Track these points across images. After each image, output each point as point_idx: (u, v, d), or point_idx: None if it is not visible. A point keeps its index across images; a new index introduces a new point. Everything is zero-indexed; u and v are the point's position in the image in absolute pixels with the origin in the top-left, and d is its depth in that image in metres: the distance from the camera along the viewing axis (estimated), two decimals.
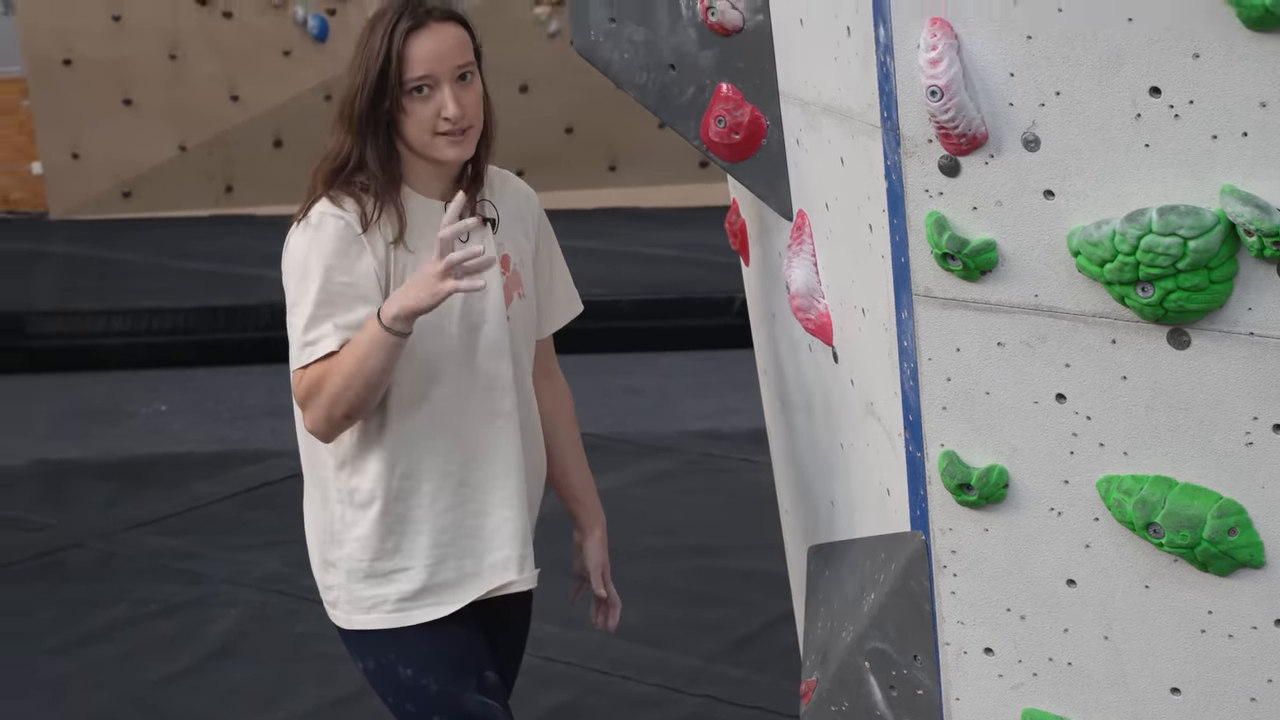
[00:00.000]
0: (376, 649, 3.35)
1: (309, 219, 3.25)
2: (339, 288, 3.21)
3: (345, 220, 3.22)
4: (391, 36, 3.22)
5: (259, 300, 9.83)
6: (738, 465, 7.43)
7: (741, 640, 5.56)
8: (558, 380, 3.62)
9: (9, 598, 6.00)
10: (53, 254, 11.32)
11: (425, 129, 3.24)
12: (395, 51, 3.21)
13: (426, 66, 3.22)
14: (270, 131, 12.47)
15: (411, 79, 3.21)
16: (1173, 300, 2.28)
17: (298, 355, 3.22)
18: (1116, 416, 2.41)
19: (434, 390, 3.29)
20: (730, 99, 3.09)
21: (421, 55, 3.22)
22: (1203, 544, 2.38)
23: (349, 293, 3.21)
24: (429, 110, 3.23)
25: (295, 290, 3.25)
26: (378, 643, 3.35)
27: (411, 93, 3.22)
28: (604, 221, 12.27)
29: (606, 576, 3.63)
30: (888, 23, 2.41)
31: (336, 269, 3.21)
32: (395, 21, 3.23)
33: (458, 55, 3.25)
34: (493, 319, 3.32)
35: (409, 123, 3.24)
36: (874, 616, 2.79)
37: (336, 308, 3.20)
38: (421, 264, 3.18)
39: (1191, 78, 2.22)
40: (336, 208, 3.23)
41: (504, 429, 3.36)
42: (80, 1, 12.17)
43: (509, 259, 3.39)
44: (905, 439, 2.62)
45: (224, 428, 8.49)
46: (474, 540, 3.36)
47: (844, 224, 2.80)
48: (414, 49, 3.21)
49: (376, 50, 3.22)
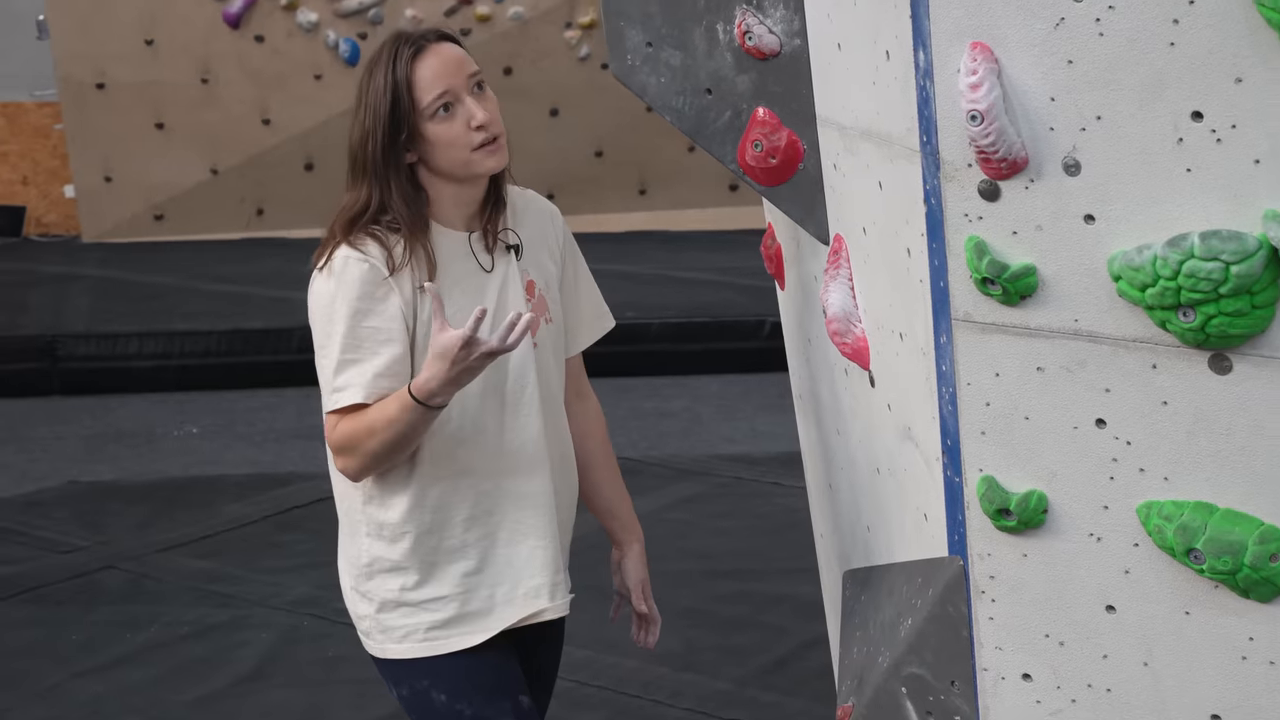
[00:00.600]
0: (410, 676, 3.35)
1: (332, 264, 3.22)
2: (366, 332, 3.19)
3: (370, 263, 3.20)
4: (394, 68, 3.21)
5: (290, 323, 9.84)
6: (769, 489, 7.41)
7: (774, 664, 5.54)
8: (589, 399, 3.61)
9: (41, 619, 6.01)
10: (85, 277, 11.35)
11: (461, 146, 3.22)
12: (403, 80, 3.20)
13: (444, 83, 3.21)
14: (301, 155, 12.50)
15: (430, 100, 3.20)
16: (1215, 325, 2.27)
17: (327, 400, 3.23)
18: (1157, 442, 2.40)
19: (462, 421, 3.29)
20: (767, 123, 3.09)
21: (433, 75, 3.21)
22: (1244, 570, 2.37)
23: (376, 337, 3.19)
24: (457, 127, 3.21)
25: (321, 334, 3.24)
26: (411, 670, 3.35)
27: (434, 115, 3.21)
28: (634, 245, 12.27)
29: (647, 592, 3.62)
30: (928, 47, 2.40)
31: (362, 313, 3.19)
32: (395, 54, 3.22)
33: (465, 67, 3.24)
34: (521, 348, 3.31)
35: (438, 148, 3.22)
36: (911, 642, 2.77)
37: (363, 351, 3.19)
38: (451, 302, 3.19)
39: (1234, 102, 2.21)
40: (359, 251, 3.21)
41: (534, 456, 3.35)
42: (113, 26, 12.22)
43: (534, 284, 3.38)
44: (943, 464, 2.61)
45: (255, 450, 8.50)
46: (506, 568, 3.35)
47: (882, 248, 2.79)
48: (423, 72, 3.21)
49: (382, 87, 3.21)
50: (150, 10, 12.26)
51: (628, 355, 9.33)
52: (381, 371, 3.19)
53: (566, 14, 12.77)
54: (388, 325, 3.20)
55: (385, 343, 3.20)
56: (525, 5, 12.63)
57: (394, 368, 3.20)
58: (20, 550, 6.73)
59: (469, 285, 3.29)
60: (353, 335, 3.19)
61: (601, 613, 3.68)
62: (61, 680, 5.49)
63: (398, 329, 3.20)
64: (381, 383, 3.19)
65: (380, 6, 12.42)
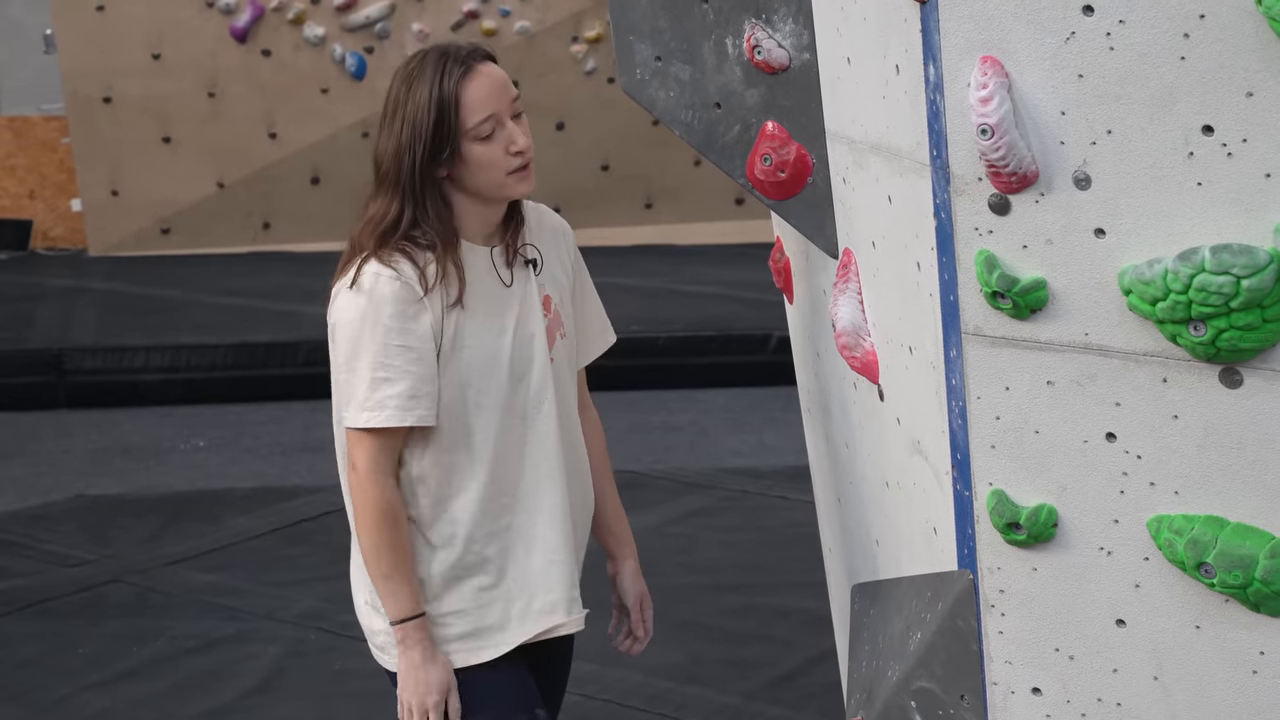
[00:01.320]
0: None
1: (361, 280, 3.21)
2: (397, 351, 3.19)
3: (403, 281, 3.19)
4: (442, 86, 3.18)
5: (297, 337, 9.86)
6: (775, 502, 7.41)
7: (780, 678, 5.53)
8: (590, 412, 3.61)
9: (49, 633, 6.01)
10: (92, 290, 11.36)
11: (498, 169, 3.22)
12: (450, 98, 3.18)
13: (491, 107, 3.20)
14: (308, 169, 12.51)
15: (476, 122, 3.19)
16: (1225, 339, 2.27)
17: (355, 416, 3.21)
18: (1167, 456, 2.40)
19: (479, 438, 3.29)
20: (776, 137, 3.10)
21: (481, 97, 3.20)
22: (1255, 584, 2.37)
23: (407, 355, 3.19)
24: (496, 150, 3.21)
25: (348, 350, 3.22)
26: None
27: (477, 137, 3.20)
28: (640, 258, 12.27)
29: (646, 606, 3.62)
30: (938, 61, 2.41)
31: (394, 331, 3.18)
32: (442, 70, 3.19)
33: (509, 90, 3.25)
34: (538, 364, 3.32)
35: (474, 169, 3.22)
36: (920, 655, 2.77)
37: (395, 370, 3.18)
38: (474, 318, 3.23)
39: (1244, 116, 2.21)
40: (390, 269, 3.20)
41: (549, 473, 3.35)
42: (120, 40, 12.23)
43: (550, 299, 3.39)
44: (953, 478, 2.61)
45: (261, 463, 8.50)
46: (522, 583, 3.35)
47: (891, 262, 2.79)
48: (470, 93, 3.19)
49: (426, 104, 3.18)
50: (157, 24, 12.27)
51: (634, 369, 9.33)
52: (415, 392, 3.19)
53: (573, 28, 12.78)
54: (419, 345, 3.20)
55: (416, 361, 3.20)
56: (531, 19, 12.65)
57: (425, 388, 3.21)
58: (27, 564, 6.73)
59: (490, 300, 3.29)
60: (385, 353, 3.18)
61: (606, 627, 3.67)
62: (69, 693, 5.49)
63: (428, 349, 3.21)
64: (414, 405, 3.20)
65: (387, 20, 12.44)
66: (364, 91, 12.40)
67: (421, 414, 3.22)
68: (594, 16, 12.74)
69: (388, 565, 3.24)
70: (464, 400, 3.26)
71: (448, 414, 3.25)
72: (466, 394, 3.26)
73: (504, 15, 12.61)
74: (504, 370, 3.28)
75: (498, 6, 12.59)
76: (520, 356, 3.30)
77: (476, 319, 3.25)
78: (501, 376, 3.28)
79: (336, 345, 3.26)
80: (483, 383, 3.27)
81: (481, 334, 3.25)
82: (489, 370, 3.27)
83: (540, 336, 3.33)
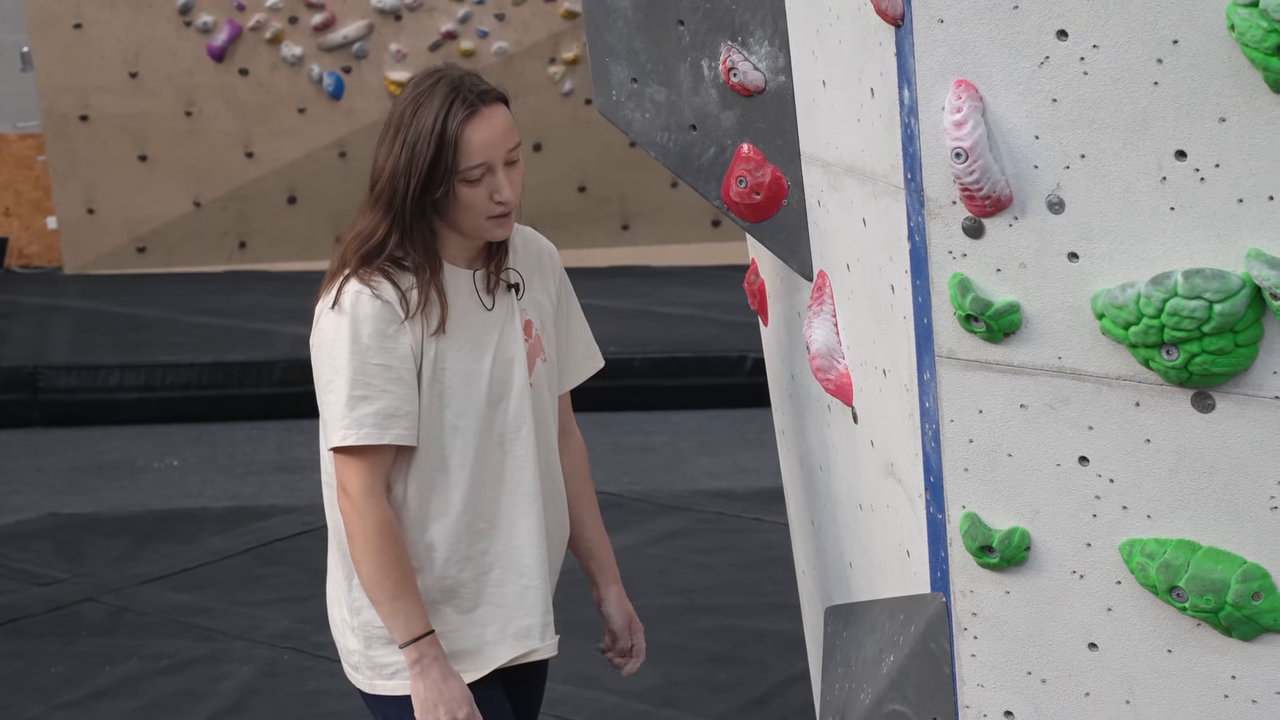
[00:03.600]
0: (402, 712, 3.33)
1: (342, 301, 3.21)
2: (375, 370, 3.18)
3: (383, 301, 3.19)
4: (445, 122, 3.16)
5: (272, 356, 9.84)
6: (750, 524, 7.40)
7: (754, 701, 5.53)
8: (573, 436, 3.60)
9: (21, 652, 5.98)
10: (67, 308, 11.33)
11: (478, 214, 3.21)
12: (452, 138, 3.16)
13: (485, 155, 3.18)
14: (284, 188, 12.49)
15: (469, 166, 3.18)
16: (1198, 363, 2.28)
17: (336, 434, 3.21)
18: (1140, 480, 2.41)
19: (456, 461, 3.28)
20: (751, 159, 3.10)
21: (479, 143, 3.17)
22: (1227, 608, 2.37)
23: (386, 375, 3.19)
24: (480, 195, 3.20)
25: (328, 369, 3.22)
26: (403, 706, 3.33)
27: (464, 180, 3.19)
28: (617, 280, 12.27)
29: (635, 628, 3.61)
30: (913, 85, 2.41)
31: (372, 350, 3.18)
32: (449, 107, 3.17)
33: (509, 139, 3.22)
34: (517, 389, 3.31)
35: (458, 208, 3.21)
36: (893, 678, 2.77)
37: (373, 389, 3.18)
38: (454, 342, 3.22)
39: (1217, 141, 2.22)
40: (370, 289, 3.20)
41: (527, 497, 3.34)
42: (97, 58, 12.21)
43: (531, 324, 3.38)
44: (926, 500, 2.61)
45: (236, 483, 8.48)
46: (497, 607, 3.34)
47: (865, 285, 2.80)
48: (470, 137, 3.17)
49: (428, 135, 3.16)
50: (134, 43, 12.26)
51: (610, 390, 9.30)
52: (393, 411, 3.19)
53: (550, 49, 12.79)
54: (398, 364, 3.20)
55: (395, 381, 3.19)
56: (509, 40, 12.65)
57: (404, 407, 3.20)
58: None
59: (472, 323, 3.28)
60: (363, 372, 3.18)
61: (579, 649, 3.67)
62: (41, 713, 5.46)
63: (408, 369, 3.20)
64: (391, 424, 3.19)
65: (365, 41, 12.44)
66: (341, 111, 12.40)
67: (399, 433, 3.21)
68: (571, 38, 12.75)
69: (394, 585, 3.22)
70: (441, 424, 3.25)
71: (426, 438, 3.24)
72: (444, 417, 3.25)
73: (482, 36, 12.62)
74: (482, 394, 3.28)
75: (475, 28, 12.60)
76: (499, 379, 3.30)
77: (457, 343, 3.25)
78: (479, 400, 3.28)
79: (318, 366, 3.25)
80: (461, 406, 3.26)
81: (461, 358, 3.24)
82: (467, 394, 3.26)
83: (520, 360, 3.32)
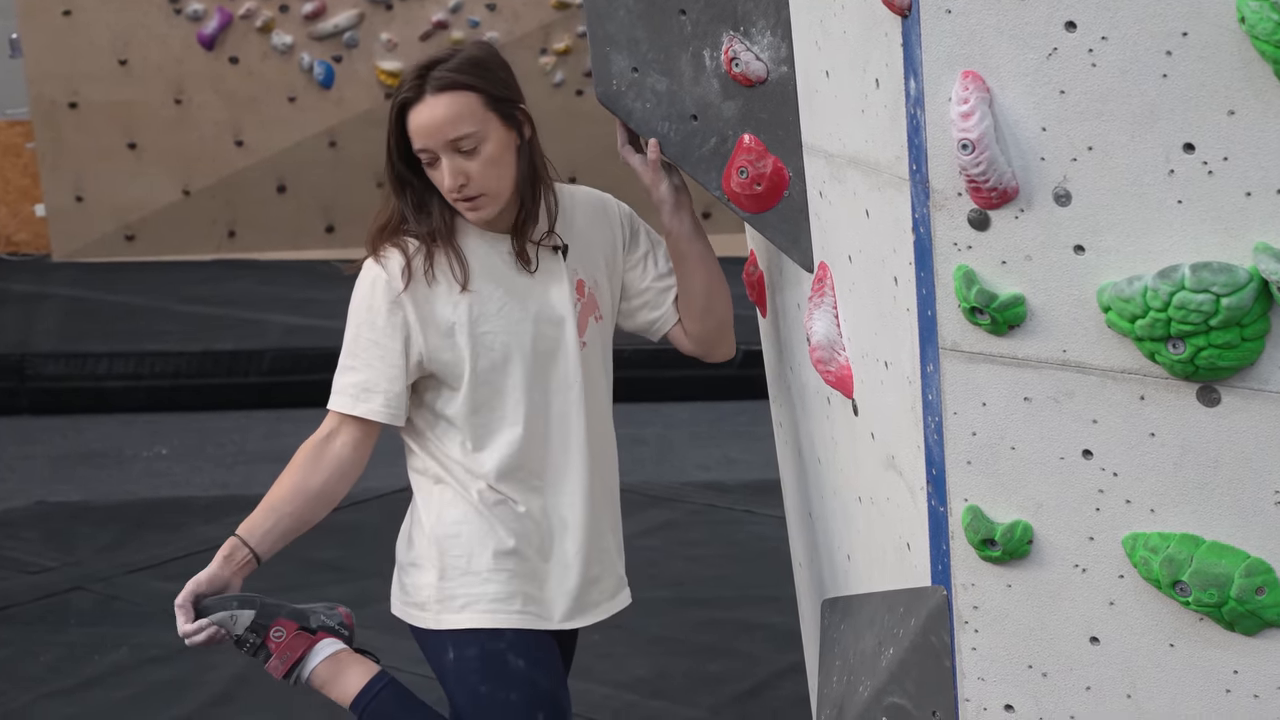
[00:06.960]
0: (460, 648, 3.37)
1: (361, 274, 3.36)
2: (364, 344, 3.33)
3: (385, 276, 3.31)
4: (397, 105, 3.29)
5: (261, 345, 9.82)
6: (741, 516, 7.40)
7: (746, 693, 5.52)
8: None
9: (10, 640, 5.96)
10: (55, 296, 11.30)
11: (448, 193, 3.31)
12: (397, 121, 3.29)
13: (421, 141, 3.28)
14: (274, 177, 12.46)
15: (416, 150, 3.29)
16: (1204, 357, 2.27)
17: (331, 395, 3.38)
18: (1144, 473, 2.40)
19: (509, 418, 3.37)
20: (752, 150, 3.09)
21: (416, 130, 3.28)
22: (1230, 603, 2.36)
23: (372, 350, 3.32)
24: (439, 178, 3.30)
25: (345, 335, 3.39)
26: (462, 641, 3.37)
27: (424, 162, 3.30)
28: None
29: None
30: (919, 75, 2.40)
31: (365, 324, 3.33)
32: (401, 89, 3.29)
33: (450, 129, 3.26)
34: (567, 349, 3.39)
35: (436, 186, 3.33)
36: (893, 671, 2.77)
37: (358, 360, 3.34)
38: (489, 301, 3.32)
39: (1226, 134, 2.21)
40: (379, 264, 3.33)
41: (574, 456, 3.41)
42: (86, 45, 12.17)
43: (583, 283, 3.45)
44: (928, 493, 2.61)
45: (225, 472, 8.46)
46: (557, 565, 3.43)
47: (868, 276, 2.79)
48: (411, 123, 3.28)
49: (391, 117, 3.31)
50: (124, 30, 12.22)
51: None
52: (370, 386, 3.32)
53: (541, 40, 12.77)
54: (386, 343, 3.30)
55: (380, 359, 3.31)
56: (500, 31, 12.63)
57: (383, 385, 3.31)
58: None
59: (510, 285, 3.36)
60: (355, 343, 3.34)
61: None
62: (30, 701, 5.45)
63: (395, 349, 3.30)
64: (367, 398, 3.32)
65: (355, 30, 12.41)
66: (331, 100, 12.37)
67: (372, 408, 3.32)
68: (563, 29, 12.73)
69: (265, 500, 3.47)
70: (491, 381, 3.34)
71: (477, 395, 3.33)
72: (491, 376, 3.33)
73: (473, 26, 12.59)
74: (528, 353, 3.35)
75: (466, 17, 12.58)
76: (546, 337, 3.37)
77: (495, 302, 3.33)
78: (526, 359, 3.35)
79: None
80: (507, 365, 3.34)
81: (502, 318, 3.34)
82: (511, 353, 3.34)
83: (570, 321, 3.40)
